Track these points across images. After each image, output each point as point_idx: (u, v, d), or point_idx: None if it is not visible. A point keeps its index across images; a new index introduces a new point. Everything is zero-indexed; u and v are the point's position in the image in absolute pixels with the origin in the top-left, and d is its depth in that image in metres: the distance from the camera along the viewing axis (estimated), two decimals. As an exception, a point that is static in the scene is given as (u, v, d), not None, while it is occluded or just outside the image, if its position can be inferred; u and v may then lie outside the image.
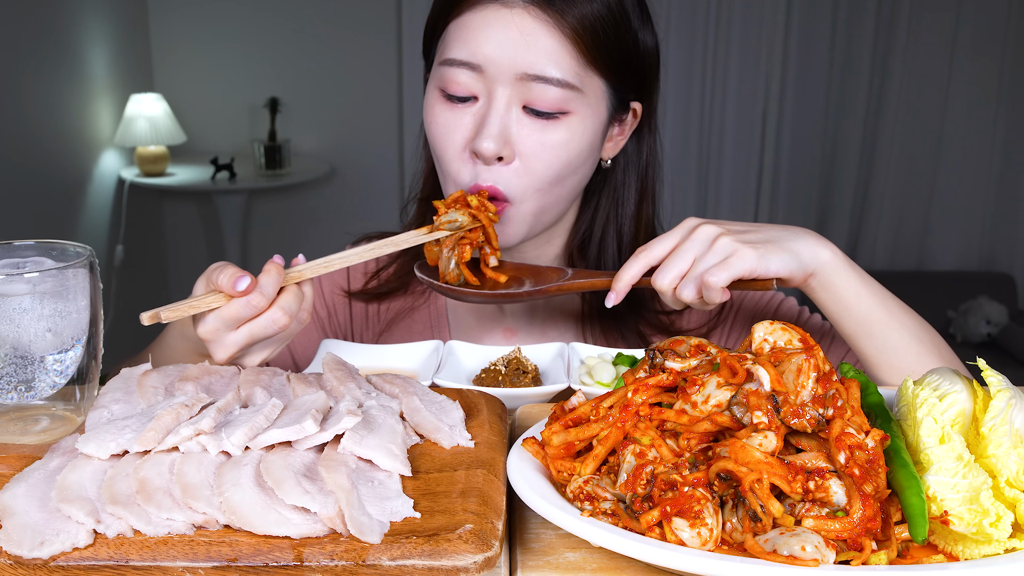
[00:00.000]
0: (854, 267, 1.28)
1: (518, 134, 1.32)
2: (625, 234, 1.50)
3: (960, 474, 0.81)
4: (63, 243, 1.03)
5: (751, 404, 0.82)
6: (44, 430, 1.01)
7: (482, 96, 1.33)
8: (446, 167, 1.37)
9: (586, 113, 1.34)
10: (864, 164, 5.38)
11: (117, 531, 0.79)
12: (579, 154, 1.36)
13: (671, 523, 0.79)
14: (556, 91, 1.30)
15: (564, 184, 1.38)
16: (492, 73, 1.30)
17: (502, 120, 1.31)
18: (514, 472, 0.90)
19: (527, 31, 1.29)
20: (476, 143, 1.31)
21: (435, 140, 1.38)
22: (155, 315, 1.07)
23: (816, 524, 0.78)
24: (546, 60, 1.29)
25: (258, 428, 0.90)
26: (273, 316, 1.12)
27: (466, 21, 1.32)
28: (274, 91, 5.15)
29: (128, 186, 4.84)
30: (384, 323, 1.60)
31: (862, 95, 5.26)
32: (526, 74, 1.29)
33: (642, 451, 0.85)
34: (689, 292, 1.22)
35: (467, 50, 1.31)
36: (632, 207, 1.50)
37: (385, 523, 0.81)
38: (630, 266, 1.26)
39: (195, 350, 1.28)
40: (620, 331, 1.52)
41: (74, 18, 4.40)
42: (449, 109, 1.35)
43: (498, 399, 1.11)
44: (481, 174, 1.33)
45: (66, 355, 1.00)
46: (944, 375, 0.89)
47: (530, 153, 1.32)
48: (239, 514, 0.80)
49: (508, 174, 1.33)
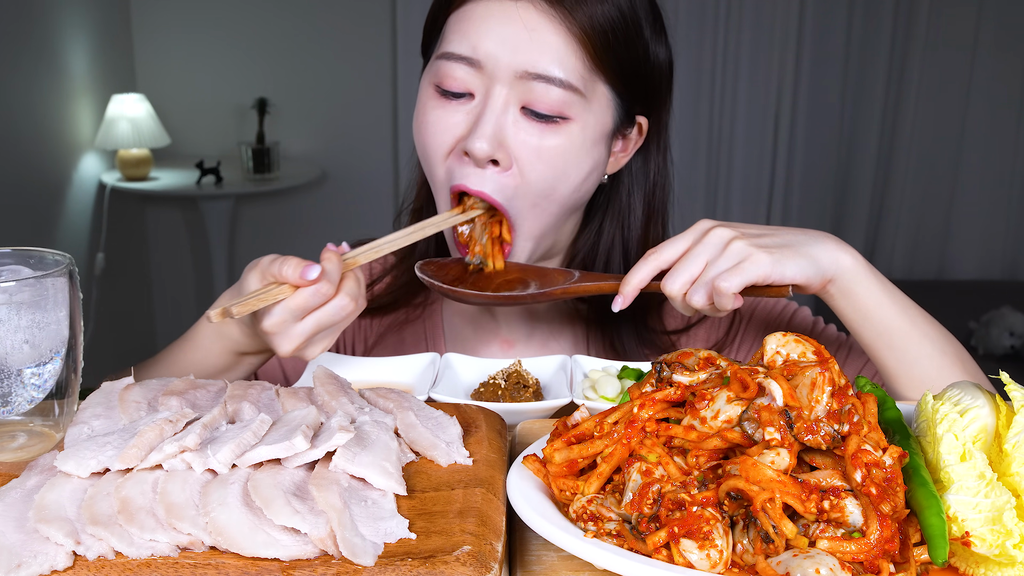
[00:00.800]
0: (875, 273, 1.25)
1: (514, 137, 1.27)
2: (632, 258, 1.46)
3: (982, 493, 0.80)
4: (41, 251, 1.01)
5: (763, 420, 0.81)
6: (21, 447, 0.99)
7: (478, 93, 1.29)
8: (431, 167, 1.33)
9: (588, 121, 1.30)
10: (881, 168, 5.34)
11: (98, 553, 0.78)
12: (577, 165, 1.31)
13: (679, 544, 0.77)
14: (558, 92, 1.26)
15: (561, 199, 1.33)
16: (491, 69, 1.27)
17: (498, 120, 1.27)
18: (514, 491, 0.88)
19: (532, 26, 1.25)
20: (468, 142, 1.27)
21: (423, 137, 1.33)
22: (224, 311, 1.06)
23: (831, 546, 0.76)
24: (550, 58, 1.25)
25: (246, 445, 0.89)
26: (341, 303, 1.14)
27: (467, 13, 1.29)
28: (262, 91, 5.12)
29: (109, 191, 4.81)
30: (376, 336, 1.57)
31: (879, 95, 5.20)
32: (527, 72, 1.25)
33: (648, 469, 0.84)
34: (700, 298, 1.19)
35: (467, 43, 1.27)
36: (639, 230, 1.46)
37: (379, 545, 0.80)
38: (639, 269, 1.23)
39: (233, 349, 1.27)
40: (624, 345, 1.49)
41: (52, 14, 4.36)
42: (441, 106, 1.31)
43: (497, 414, 1.10)
44: (470, 177, 1.29)
45: (44, 368, 0.98)
46: (965, 389, 0.88)
47: (524, 159, 1.28)
48: (226, 535, 0.79)
49: (501, 181, 1.28)
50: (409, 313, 1.57)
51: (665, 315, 1.53)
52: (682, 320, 1.53)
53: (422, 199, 1.52)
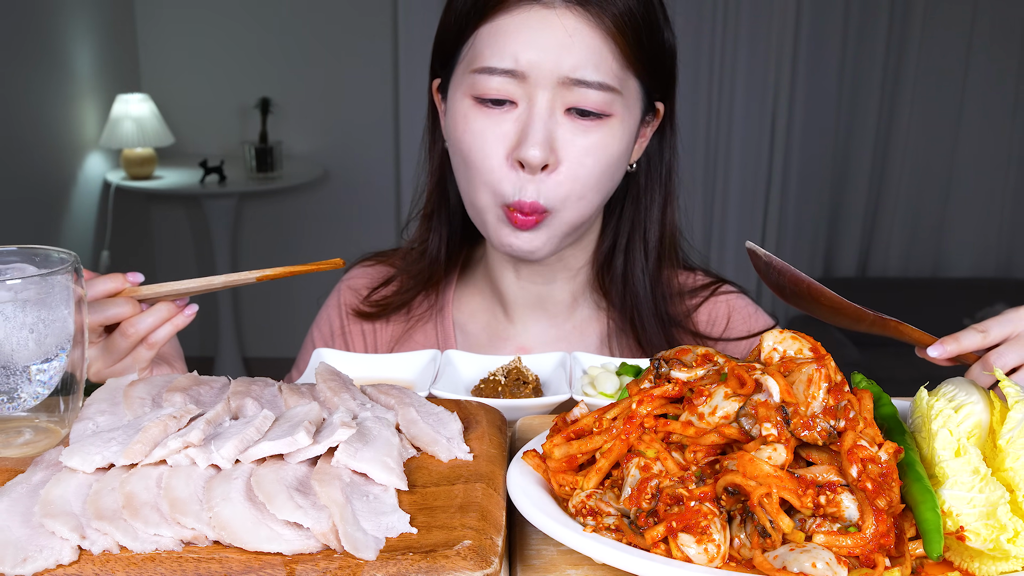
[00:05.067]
0: None
1: (561, 139, 1.29)
2: (651, 239, 1.48)
3: (977, 488, 0.80)
4: (46, 249, 1.01)
5: (760, 416, 0.81)
6: (27, 443, 0.99)
7: (521, 101, 1.29)
8: (487, 177, 1.32)
9: (625, 116, 1.32)
10: (877, 166, 5.33)
11: (103, 547, 0.78)
12: (619, 158, 1.34)
13: (677, 539, 0.77)
14: (597, 95, 1.28)
15: (602, 190, 1.35)
16: (535, 78, 1.27)
17: (546, 126, 1.28)
18: (514, 486, 0.88)
19: (571, 31, 1.26)
20: (521, 151, 1.27)
21: (472, 150, 1.32)
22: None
23: (827, 540, 0.76)
24: (588, 62, 1.26)
25: (249, 440, 0.89)
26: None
27: (501, 26, 1.28)
28: (265, 91, 5.12)
29: (114, 190, 4.81)
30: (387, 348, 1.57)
31: (875, 94, 5.19)
32: (568, 78, 1.27)
33: (647, 464, 0.84)
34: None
35: (508, 56, 1.27)
36: (657, 211, 1.48)
37: (380, 539, 0.80)
38: (967, 336, 1.11)
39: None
40: (648, 353, 1.47)
41: (58, 15, 4.37)
42: (485, 115, 1.30)
43: (498, 410, 1.10)
44: (526, 187, 1.29)
45: (50, 365, 0.98)
46: (960, 385, 0.88)
47: (574, 159, 1.29)
48: (229, 530, 0.79)
49: (551, 184, 1.29)
50: (420, 319, 1.56)
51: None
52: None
53: (432, 204, 1.52)
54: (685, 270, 1.55)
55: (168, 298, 1.20)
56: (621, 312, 1.49)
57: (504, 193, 1.30)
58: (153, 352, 1.21)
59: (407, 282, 1.55)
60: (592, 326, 1.54)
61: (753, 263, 1.11)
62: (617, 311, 1.50)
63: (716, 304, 1.54)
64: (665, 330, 1.48)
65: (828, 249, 5.50)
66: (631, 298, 1.47)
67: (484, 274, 1.56)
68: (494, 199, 1.32)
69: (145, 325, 1.18)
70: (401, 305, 1.55)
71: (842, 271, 5.47)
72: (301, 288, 5.03)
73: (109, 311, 1.17)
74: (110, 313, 1.17)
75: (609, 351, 1.52)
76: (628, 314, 1.48)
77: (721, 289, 1.55)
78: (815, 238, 5.44)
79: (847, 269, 5.46)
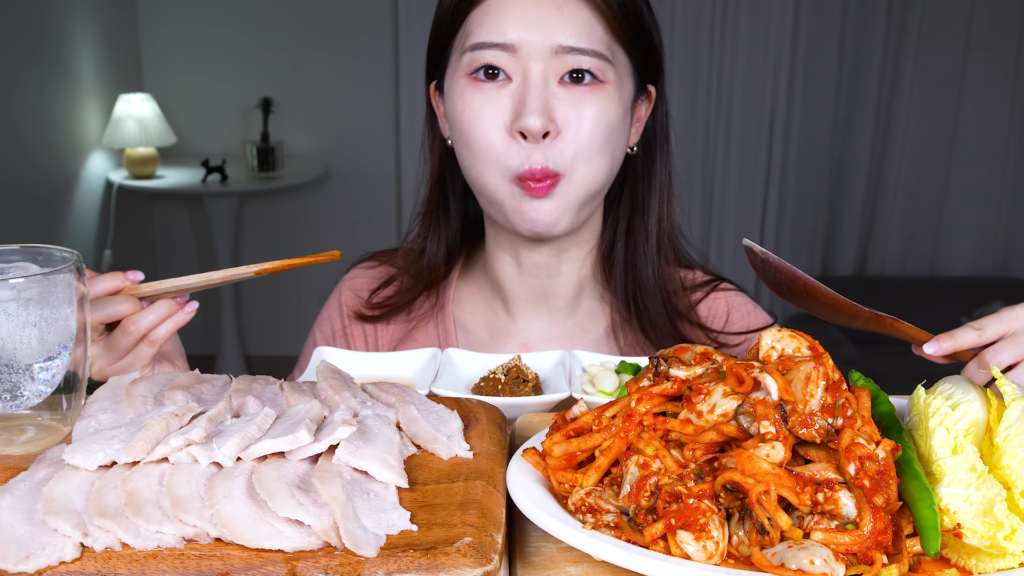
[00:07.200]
0: None
1: (558, 108, 1.31)
2: (651, 224, 1.49)
3: (974, 485, 0.80)
4: (49, 248, 1.01)
5: (758, 414, 0.81)
6: (30, 440, 0.99)
7: (515, 76, 1.32)
8: (490, 153, 1.33)
9: (618, 84, 1.35)
10: (875, 166, 5.32)
11: (105, 544, 0.78)
12: (617, 125, 1.36)
13: (676, 536, 0.77)
14: (590, 61, 1.31)
15: (608, 156, 1.36)
16: (526, 50, 1.31)
17: (542, 95, 1.30)
18: (514, 484, 0.88)
19: (560, 4, 1.30)
20: (521, 121, 1.29)
21: (472, 127, 1.34)
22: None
23: (825, 537, 0.76)
24: (579, 32, 1.31)
25: (250, 438, 0.89)
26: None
27: (491, 6, 1.33)
28: (267, 91, 5.13)
29: (116, 189, 4.82)
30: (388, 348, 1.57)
31: (872, 93, 5.20)
32: (560, 46, 1.30)
33: (646, 462, 0.84)
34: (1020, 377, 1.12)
35: (498, 31, 1.31)
36: (655, 196, 1.50)
37: (381, 536, 0.80)
38: (963, 333, 1.12)
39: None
40: (656, 345, 1.48)
41: (60, 15, 4.37)
42: (482, 92, 1.33)
43: (497, 408, 1.10)
44: (532, 155, 1.31)
45: (52, 363, 0.98)
46: (957, 383, 0.88)
47: (574, 124, 1.32)
48: (231, 527, 0.79)
49: (556, 149, 1.32)
50: (421, 319, 1.57)
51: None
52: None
53: (434, 203, 1.53)
54: (684, 268, 1.56)
55: (168, 295, 1.21)
56: (626, 303, 1.50)
57: (511, 166, 1.32)
58: (154, 349, 1.21)
59: (408, 282, 1.56)
60: (596, 320, 1.54)
61: (750, 260, 1.12)
62: (622, 302, 1.51)
63: (715, 301, 1.54)
64: (671, 321, 1.48)
65: (826, 248, 5.50)
66: (636, 287, 1.48)
67: (484, 272, 1.56)
68: (503, 174, 1.33)
69: (146, 322, 1.19)
70: (402, 307, 1.55)
71: (840, 270, 5.47)
72: (303, 286, 5.04)
73: (110, 309, 1.17)
74: (111, 311, 1.17)
75: (616, 343, 1.52)
76: (633, 304, 1.48)
77: (720, 287, 1.56)
78: (813, 237, 5.43)
79: (845, 268, 5.46)
